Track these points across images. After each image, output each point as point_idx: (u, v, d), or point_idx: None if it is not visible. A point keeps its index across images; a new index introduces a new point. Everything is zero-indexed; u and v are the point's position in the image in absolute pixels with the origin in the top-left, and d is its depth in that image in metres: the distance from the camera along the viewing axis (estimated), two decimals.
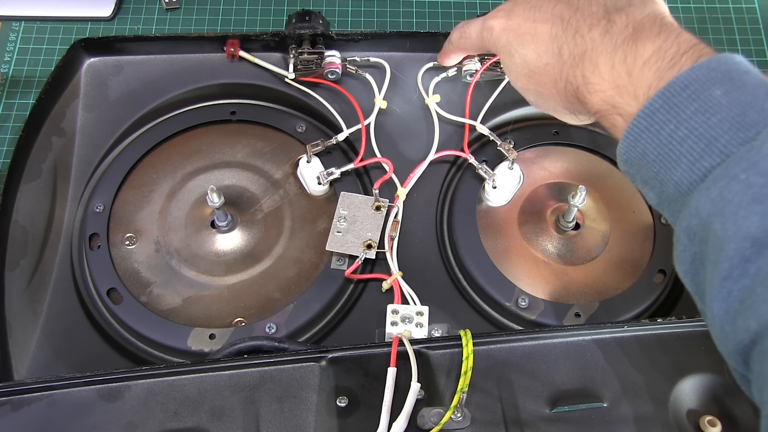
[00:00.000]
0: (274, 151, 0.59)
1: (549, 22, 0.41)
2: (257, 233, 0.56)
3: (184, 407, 0.42)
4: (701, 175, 0.32)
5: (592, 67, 0.38)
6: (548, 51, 0.41)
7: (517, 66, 0.44)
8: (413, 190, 0.58)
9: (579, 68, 0.39)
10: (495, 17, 0.45)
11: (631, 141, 0.35)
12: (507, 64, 0.45)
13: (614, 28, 0.38)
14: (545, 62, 0.41)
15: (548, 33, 0.41)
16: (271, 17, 0.74)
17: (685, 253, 0.33)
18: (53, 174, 0.58)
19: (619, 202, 0.57)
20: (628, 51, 0.36)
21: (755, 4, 0.75)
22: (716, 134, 0.32)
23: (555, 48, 0.41)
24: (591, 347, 0.45)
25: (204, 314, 0.53)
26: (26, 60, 0.70)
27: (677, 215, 0.34)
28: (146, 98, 0.61)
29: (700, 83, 0.33)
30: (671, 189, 0.34)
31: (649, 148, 0.34)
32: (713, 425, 0.41)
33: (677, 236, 0.34)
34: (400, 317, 0.50)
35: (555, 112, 0.44)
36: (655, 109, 0.34)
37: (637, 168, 0.36)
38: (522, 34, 0.43)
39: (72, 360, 0.52)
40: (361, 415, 0.42)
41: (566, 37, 0.40)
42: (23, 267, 0.54)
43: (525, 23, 0.43)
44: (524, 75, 0.44)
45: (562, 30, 0.40)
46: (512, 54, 0.44)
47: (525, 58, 0.43)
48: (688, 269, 0.33)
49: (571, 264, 0.55)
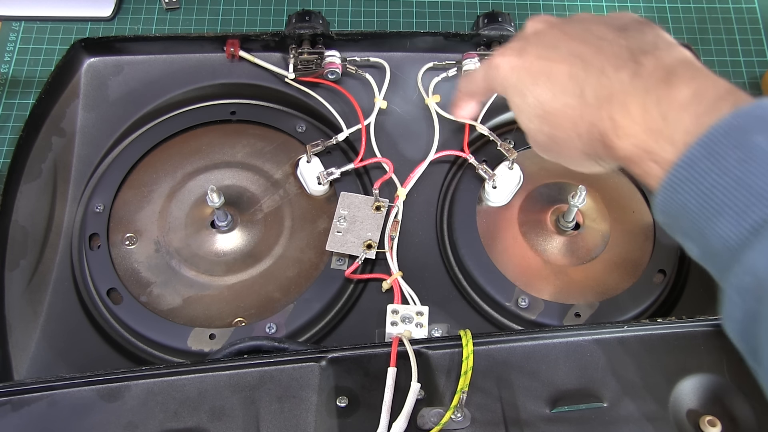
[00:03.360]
0: (274, 151, 0.59)
1: (567, 61, 0.38)
2: (257, 233, 0.56)
3: (184, 407, 0.42)
4: (750, 228, 0.30)
5: (621, 110, 0.35)
6: (567, 91, 0.38)
7: (530, 106, 0.40)
8: (413, 190, 0.58)
9: (606, 110, 0.36)
10: (502, 55, 0.42)
11: (669, 191, 0.33)
12: (518, 104, 0.42)
13: (643, 71, 0.35)
14: (563, 102, 0.38)
15: (567, 73, 0.38)
16: (271, 17, 0.74)
17: (736, 312, 0.31)
18: (53, 174, 0.58)
19: (619, 202, 0.57)
20: (661, 94, 0.34)
21: (755, 4, 0.75)
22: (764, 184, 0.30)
23: (576, 88, 0.38)
24: (591, 347, 0.45)
25: (204, 314, 0.53)
26: (26, 60, 0.70)
27: (725, 271, 0.32)
28: (146, 98, 0.61)
29: (742, 130, 0.31)
30: (716, 243, 0.32)
31: (690, 199, 0.32)
32: (713, 425, 0.41)
33: (727, 294, 0.32)
34: (400, 317, 0.50)
35: (570, 158, 0.41)
36: (695, 158, 0.32)
37: (675, 219, 0.33)
38: (535, 73, 0.40)
39: (72, 360, 0.52)
40: (361, 415, 0.42)
41: (589, 77, 0.37)
42: (23, 267, 0.54)
43: (538, 62, 0.40)
44: (537, 116, 0.40)
45: (583, 70, 0.37)
46: (524, 94, 0.41)
47: (539, 98, 0.40)
48: (739, 327, 0.32)
49: (571, 264, 0.55)
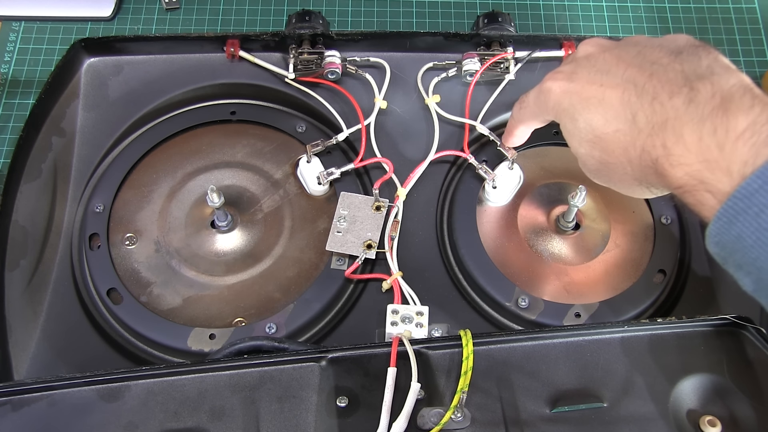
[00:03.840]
0: (274, 151, 0.59)
1: (620, 87, 0.38)
2: (257, 233, 0.56)
3: (184, 407, 0.42)
4: None
5: (675, 138, 0.35)
6: (619, 117, 0.38)
7: (581, 131, 0.40)
8: (413, 190, 0.58)
9: (659, 138, 0.36)
10: (554, 79, 0.42)
11: (724, 223, 0.33)
12: (569, 129, 0.42)
13: (699, 97, 0.35)
14: (615, 128, 0.38)
15: (619, 98, 0.38)
16: (271, 17, 0.74)
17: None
18: (53, 174, 0.58)
19: (619, 202, 0.57)
20: (718, 123, 0.33)
21: (755, 4, 0.75)
22: None
23: (628, 114, 0.37)
24: (591, 347, 0.45)
25: (204, 314, 0.53)
26: (26, 60, 0.70)
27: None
28: (146, 98, 0.61)
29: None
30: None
31: (747, 232, 0.32)
32: (713, 425, 0.41)
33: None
34: (400, 317, 0.50)
35: (621, 183, 0.41)
36: (753, 190, 0.31)
37: (730, 252, 0.33)
38: (587, 98, 0.40)
39: (72, 360, 0.52)
40: (361, 415, 0.42)
41: (641, 103, 0.37)
42: (23, 267, 0.54)
43: (590, 87, 0.40)
44: (588, 141, 0.40)
45: (636, 96, 0.37)
46: (575, 118, 0.41)
47: (591, 123, 0.39)
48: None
49: (571, 264, 0.55)
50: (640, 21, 0.74)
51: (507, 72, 0.61)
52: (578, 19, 0.74)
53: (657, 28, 0.74)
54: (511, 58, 0.61)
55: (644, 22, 0.74)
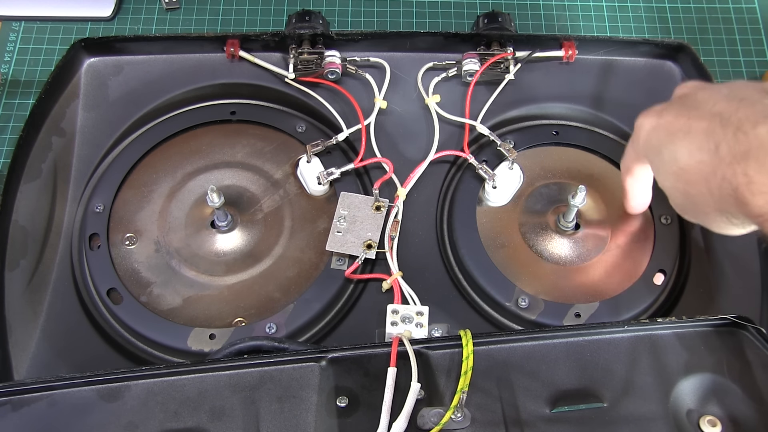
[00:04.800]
0: (274, 151, 0.59)
1: (706, 119, 0.38)
2: (257, 233, 0.56)
3: (184, 407, 0.42)
4: None
5: (757, 166, 0.35)
6: (702, 148, 0.38)
7: (666, 164, 0.41)
8: (413, 190, 0.58)
9: (741, 166, 0.36)
10: (646, 116, 0.42)
11: None
12: (656, 164, 0.42)
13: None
14: (698, 159, 0.38)
15: (704, 130, 0.38)
16: (271, 17, 0.74)
17: None
18: (53, 174, 0.58)
19: (619, 202, 0.57)
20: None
21: (755, 4, 0.75)
22: None
23: (711, 145, 0.37)
24: (591, 347, 0.45)
25: (204, 314, 0.53)
26: (26, 60, 0.70)
27: None
28: (146, 98, 0.61)
29: None
30: None
31: None
32: (713, 425, 0.41)
33: None
34: (400, 317, 0.50)
35: (705, 216, 0.41)
36: None
37: None
38: (674, 131, 0.40)
39: (72, 360, 0.52)
40: (361, 415, 0.42)
41: (725, 134, 0.37)
42: (23, 267, 0.54)
43: (678, 120, 0.40)
44: (673, 174, 0.41)
45: (720, 127, 0.37)
46: (661, 151, 0.41)
47: (675, 155, 0.40)
48: None
49: (571, 264, 0.55)
50: (640, 21, 0.74)
51: (507, 72, 0.61)
52: (578, 19, 0.74)
53: (657, 28, 0.74)
54: (511, 58, 0.61)
55: (644, 22, 0.74)
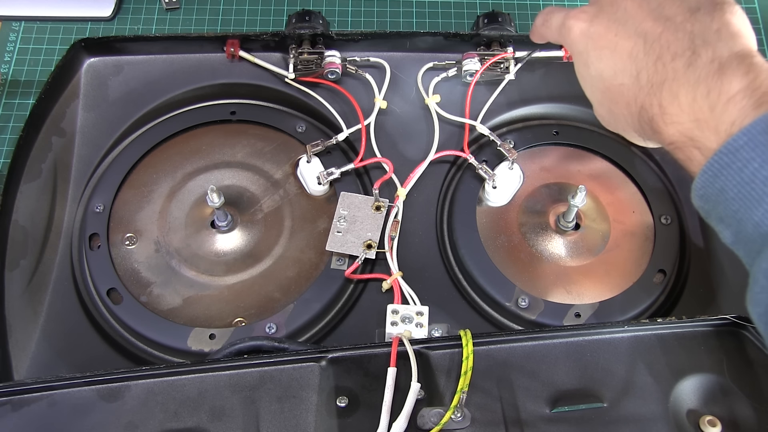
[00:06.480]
0: (274, 151, 0.59)
1: (632, 39, 0.40)
2: (257, 233, 0.56)
3: (184, 407, 0.42)
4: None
5: (671, 98, 0.37)
6: (625, 71, 0.40)
7: (593, 79, 0.43)
8: (413, 190, 0.58)
9: (656, 97, 0.38)
10: (577, 18, 0.44)
11: (709, 176, 0.34)
12: (582, 74, 0.44)
13: (699, 62, 0.36)
14: (620, 82, 0.41)
15: (628, 52, 0.40)
16: (271, 17, 0.74)
17: (762, 295, 0.32)
18: (53, 174, 0.58)
19: (619, 202, 0.57)
20: (712, 85, 0.35)
21: (755, 4, 0.75)
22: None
23: (633, 70, 0.40)
24: (591, 347, 0.45)
25: (204, 314, 0.53)
26: (26, 60, 0.70)
27: (755, 256, 0.33)
28: (146, 98, 0.61)
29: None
30: (750, 229, 0.33)
31: (729, 185, 0.33)
32: (713, 425, 0.41)
33: (755, 277, 0.33)
34: (400, 317, 0.50)
35: (624, 133, 0.44)
36: (738, 146, 0.33)
37: (713, 204, 0.35)
38: (601, 46, 0.42)
39: (72, 360, 0.52)
40: (361, 415, 0.42)
41: (647, 61, 0.39)
42: (23, 267, 0.54)
43: (607, 34, 0.41)
44: (599, 90, 0.43)
45: (643, 52, 0.39)
46: (588, 65, 0.43)
47: (601, 73, 0.42)
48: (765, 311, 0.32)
49: (571, 264, 0.55)
50: None
51: (507, 72, 0.61)
52: None
53: None
54: (511, 58, 0.61)
55: None
